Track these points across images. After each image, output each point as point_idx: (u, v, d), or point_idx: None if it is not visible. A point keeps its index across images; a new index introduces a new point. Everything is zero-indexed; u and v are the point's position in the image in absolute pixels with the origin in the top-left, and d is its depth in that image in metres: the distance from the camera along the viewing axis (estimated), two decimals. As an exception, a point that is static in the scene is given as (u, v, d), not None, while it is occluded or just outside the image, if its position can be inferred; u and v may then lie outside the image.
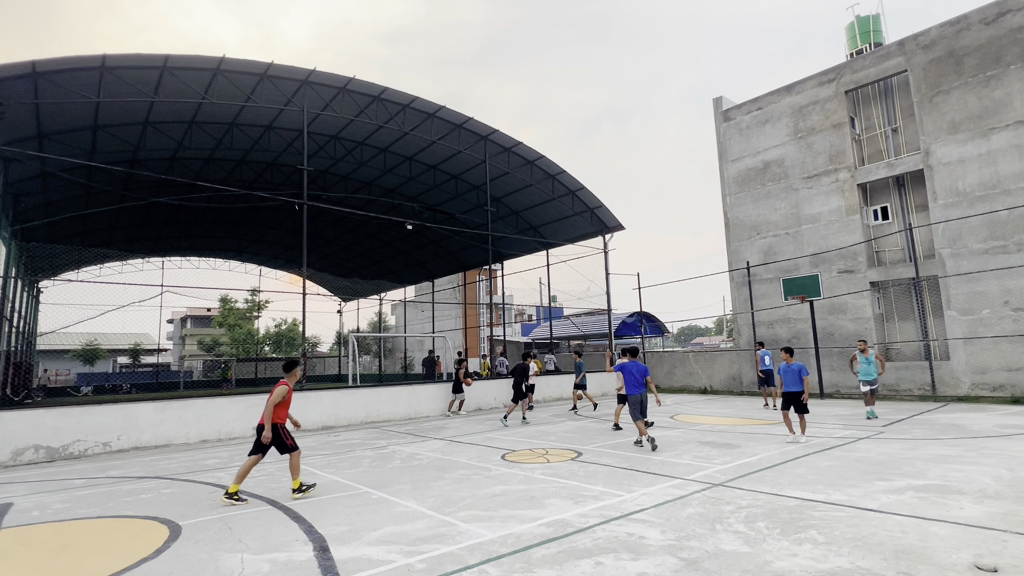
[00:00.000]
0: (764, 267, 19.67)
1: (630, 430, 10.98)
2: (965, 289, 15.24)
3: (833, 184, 18.11)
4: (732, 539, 4.49)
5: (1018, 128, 14.61)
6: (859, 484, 6.10)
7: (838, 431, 10.01)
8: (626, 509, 5.46)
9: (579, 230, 23.01)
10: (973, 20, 15.55)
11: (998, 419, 10.85)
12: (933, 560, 3.91)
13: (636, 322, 26.80)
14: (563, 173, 20.63)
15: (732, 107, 21.23)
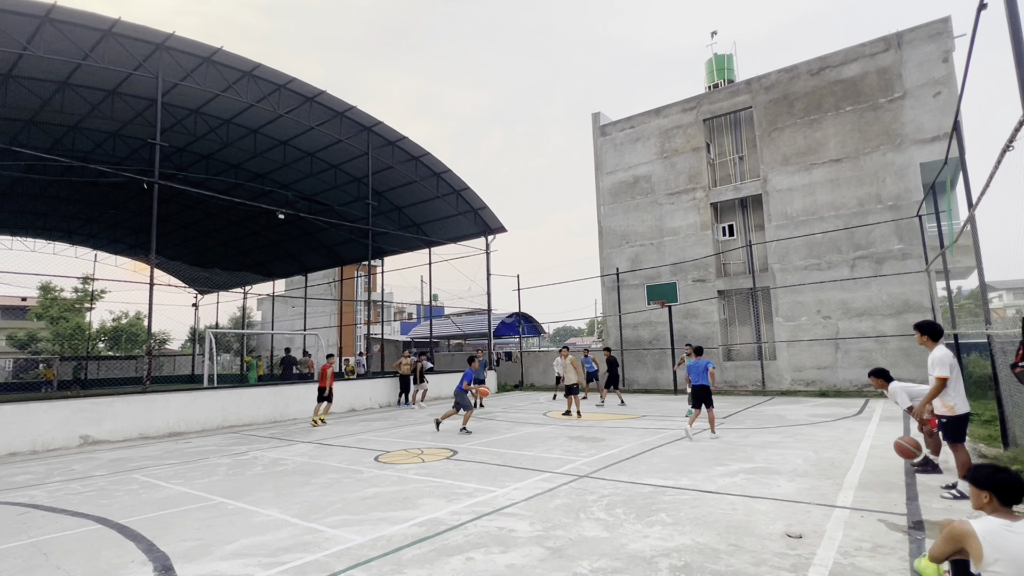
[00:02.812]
0: (632, 274, 21.30)
1: (483, 428, 11.26)
2: (789, 299, 17.82)
3: (691, 201, 20.17)
4: (594, 526, 4.82)
5: (831, 165, 17.41)
6: (702, 469, 6.86)
7: (687, 424, 11.15)
8: (498, 504, 5.60)
9: (462, 230, 23.13)
10: (802, 70, 18.24)
11: (809, 409, 12.83)
12: (755, 532, 4.53)
13: (515, 322, 27.59)
14: (448, 172, 20.60)
15: (609, 123, 22.72)
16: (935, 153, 15.38)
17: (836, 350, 16.91)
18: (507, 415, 13.55)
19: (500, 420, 12.64)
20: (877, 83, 16.82)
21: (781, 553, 4.07)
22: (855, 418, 11.13)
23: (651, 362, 20.58)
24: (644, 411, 13.64)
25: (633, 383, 20.74)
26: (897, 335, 15.79)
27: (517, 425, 11.66)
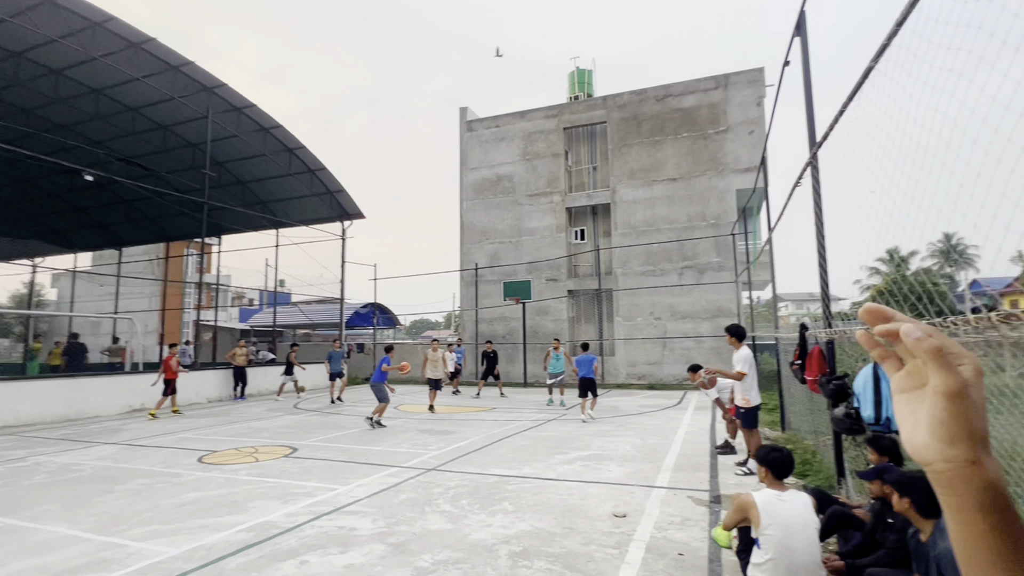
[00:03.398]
0: (490, 270, 21.79)
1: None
2: (628, 301, 19.64)
3: (548, 204, 21.21)
4: (438, 519, 4.82)
5: (669, 183, 19.53)
6: (544, 458, 7.26)
7: (534, 415, 11.72)
8: (340, 502, 5.35)
9: (316, 212, 21.67)
10: (650, 95, 20.18)
11: (640, 401, 14.27)
12: (587, 514, 4.90)
13: (369, 313, 26.63)
14: (303, 149, 19.15)
15: (475, 119, 22.94)
16: (748, 182, 18.04)
17: (664, 348, 19.04)
18: (357, 409, 13.04)
19: (348, 415, 12.11)
20: (708, 116, 19.24)
21: (608, 532, 4.46)
22: (675, 408, 12.63)
23: (504, 356, 21.25)
24: (495, 404, 14.04)
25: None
26: (711, 336, 18.25)
27: (365, 419, 11.26)
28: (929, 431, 0.46)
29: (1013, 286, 20.92)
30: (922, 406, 0.47)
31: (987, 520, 0.44)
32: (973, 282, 40.68)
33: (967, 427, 0.45)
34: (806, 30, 5.39)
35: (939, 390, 0.46)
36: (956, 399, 0.45)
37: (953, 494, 0.46)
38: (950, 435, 0.45)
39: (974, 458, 0.45)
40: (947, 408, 0.45)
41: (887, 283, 35.01)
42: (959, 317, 2.43)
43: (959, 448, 0.45)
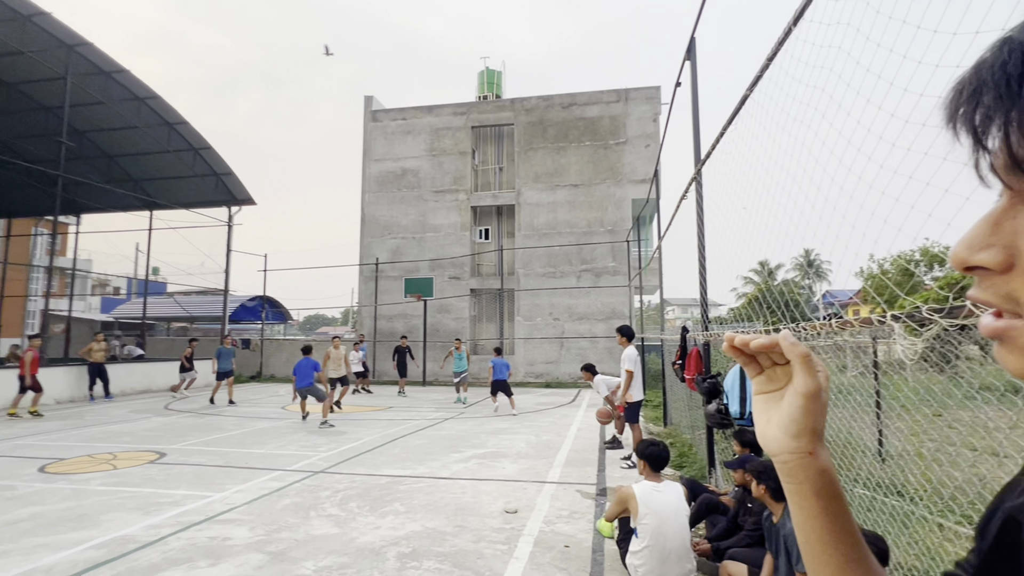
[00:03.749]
0: (391, 265, 21.24)
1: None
2: (529, 301, 20.09)
3: (454, 202, 21.11)
4: (324, 523, 4.60)
5: (571, 189, 20.25)
6: (439, 457, 7.20)
7: (432, 413, 11.61)
8: (213, 511, 4.92)
9: (199, 196, 19.82)
10: (556, 102, 20.79)
11: (537, 398, 14.65)
12: (479, 511, 4.93)
13: (257, 306, 24.84)
14: (185, 124, 17.42)
15: (381, 110, 22.26)
16: (643, 192, 19.19)
17: (561, 347, 19.71)
18: (238, 410, 12.11)
19: (229, 415, 11.21)
20: (609, 127, 20.21)
21: (498, 528, 4.52)
22: (569, 405, 13.12)
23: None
24: (392, 403, 13.72)
25: (384, 374, 20.71)
26: (605, 336, 19.19)
27: (249, 420, 10.50)
28: (780, 427, 0.53)
29: (854, 298, 24.22)
30: (776, 406, 0.54)
31: (820, 503, 0.51)
32: (825, 293, 46.49)
33: (812, 424, 0.52)
34: (695, 56, 5.83)
35: (800, 390, 0.52)
36: (812, 399, 0.51)
37: (794, 481, 0.52)
38: (797, 430, 0.52)
39: (812, 449, 0.52)
40: (803, 407, 0.51)
41: (758, 291, 38.96)
42: (810, 323, 2.75)
43: (802, 441, 0.51)
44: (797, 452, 0.52)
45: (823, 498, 0.51)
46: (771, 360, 0.55)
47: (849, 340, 8.34)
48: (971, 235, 0.35)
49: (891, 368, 6.33)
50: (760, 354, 0.55)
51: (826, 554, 0.51)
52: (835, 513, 0.51)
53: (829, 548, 0.51)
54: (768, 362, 0.55)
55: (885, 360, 6.24)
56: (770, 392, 0.55)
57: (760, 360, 0.55)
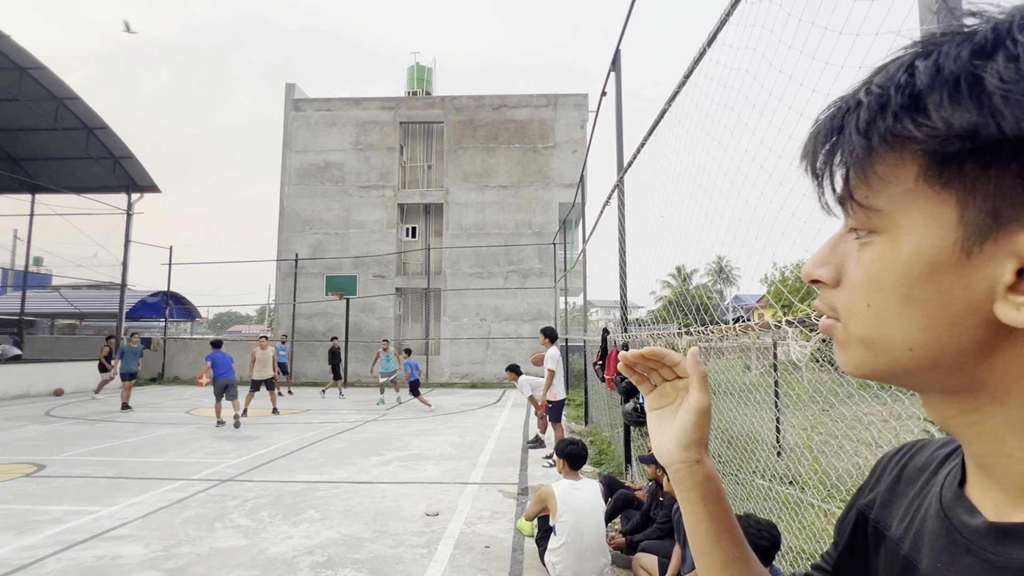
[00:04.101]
0: (312, 261, 20.37)
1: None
2: (456, 301, 19.98)
3: (380, 198, 20.59)
4: (231, 535, 4.33)
5: (500, 190, 20.37)
6: (359, 461, 6.99)
7: (352, 415, 11.24)
8: (101, 527, 4.49)
9: (94, 180, 18.01)
10: (486, 103, 20.83)
11: (462, 399, 14.59)
12: (400, 515, 4.84)
13: (160, 302, 22.95)
14: (77, 100, 15.76)
15: (303, 99, 21.30)
16: (569, 196, 19.65)
17: (487, 348, 19.76)
18: (135, 415, 11.13)
19: (124, 421, 10.28)
20: (539, 131, 20.53)
21: (419, 532, 4.45)
22: (494, 405, 13.18)
23: (323, 355, 20.02)
24: (310, 405, 13.15)
25: (302, 375, 19.82)
26: (531, 337, 19.45)
27: (147, 426, 9.67)
28: (672, 439, 0.58)
29: (759, 303, 26.22)
30: (670, 420, 0.59)
31: (707, 507, 0.56)
32: (735, 297, 49.74)
33: (700, 436, 0.57)
34: (620, 67, 6.06)
35: (695, 406, 0.57)
36: (704, 414, 0.57)
37: (684, 488, 0.58)
38: (688, 442, 0.57)
39: (699, 458, 0.57)
40: (695, 421, 0.56)
41: (675, 295, 41.13)
42: (717, 327, 2.94)
43: (690, 451, 0.57)
44: (687, 462, 0.57)
45: (709, 502, 0.56)
46: (662, 377, 0.60)
47: (755, 342, 8.98)
48: (817, 254, 0.41)
49: (788, 368, 6.89)
50: (653, 372, 0.60)
51: (713, 553, 0.56)
52: (719, 516, 0.56)
53: (714, 548, 0.56)
54: (659, 379, 0.60)
55: (783, 360, 6.79)
56: (662, 408, 0.60)
57: (652, 378, 0.60)
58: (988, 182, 0.31)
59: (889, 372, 0.37)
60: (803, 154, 0.39)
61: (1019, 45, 0.30)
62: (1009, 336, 0.32)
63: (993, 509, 0.36)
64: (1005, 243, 0.31)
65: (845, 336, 0.39)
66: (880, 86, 0.34)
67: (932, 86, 0.31)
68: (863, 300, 0.37)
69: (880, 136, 0.33)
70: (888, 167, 0.34)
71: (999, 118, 0.29)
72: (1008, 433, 0.34)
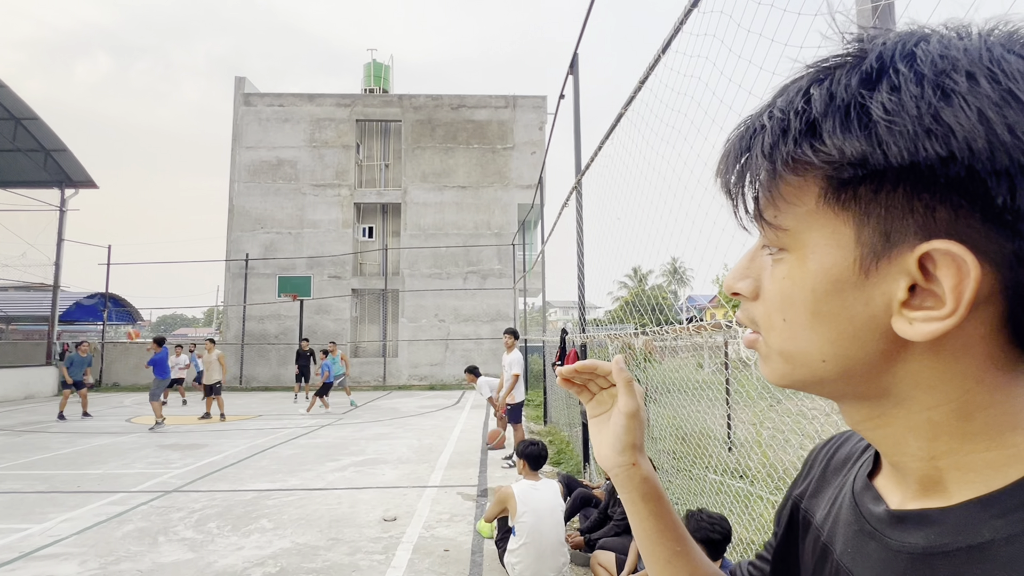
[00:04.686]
0: (264, 262, 19.70)
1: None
2: (414, 302, 19.74)
3: (336, 197, 20.12)
4: (175, 549, 4.13)
5: (459, 191, 20.26)
6: (313, 467, 6.80)
7: (306, 420, 10.93)
8: (32, 546, 4.20)
9: (23, 174, 16.85)
10: (445, 102, 20.69)
11: (420, 401, 14.42)
12: (356, 522, 4.73)
13: (98, 304, 21.67)
14: (3, 88, 14.73)
15: (255, 93, 20.59)
16: (528, 198, 19.75)
17: (446, 349, 19.61)
18: (70, 424, 10.47)
19: (57, 431, 9.66)
20: (498, 132, 20.54)
21: (376, 538, 4.37)
22: (453, 407, 13.09)
23: (275, 358, 19.42)
24: (261, 410, 12.71)
25: (253, 380, 19.14)
26: (490, 338, 19.44)
27: (84, 436, 9.12)
28: (608, 444, 0.60)
29: (711, 302, 27.11)
30: (605, 427, 0.61)
31: (647, 506, 0.59)
32: (689, 297, 51.22)
33: (632, 439, 0.59)
34: (578, 71, 6.13)
35: (623, 410, 0.59)
36: (633, 417, 0.59)
37: (624, 490, 0.60)
38: (622, 446, 0.59)
39: (635, 461, 0.59)
40: (625, 425, 0.59)
41: (632, 295, 42.02)
42: (671, 327, 3.01)
43: (625, 455, 0.59)
44: (623, 465, 0.59)
45: (649, 501, 0.59)
46: (598, 386, 0.63)
47: (708, 341, 9.26)
48: (736, 267, 0.42)
49: (738, 366, 7.13)
50: (590, 382, 0.63)
51: (656, 548, 0.59)
52: (659, 514, 0.59)
53: (657, 544, 0.58)
54: (597, 388, 0.63)
55: (734, 359, 7.03)
56: (600, 415, 0.62)
57: (591, 387, 0.63)
58: (879, 205, 0.32)
59: (806, 382, 0.39)
60: (717, 172, 0.40)
61: (900, 75, 0.31)
62: (908, 346, 0.34)
63: (897, 499, 0.39)
64: (898, 262, 0.32)
65: (767, 349, 0.40)
66: (782, 111, 0.35)
67: (826, 113, 0.33)
68: (779, 315, 0.38)
69: (783, 160, 0.35)
70: (792, 188, 0.35)
71: (884, 147, 0.31)
72: (909, 435, 0.36)
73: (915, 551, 0.35)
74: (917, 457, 0.36)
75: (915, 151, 0.30)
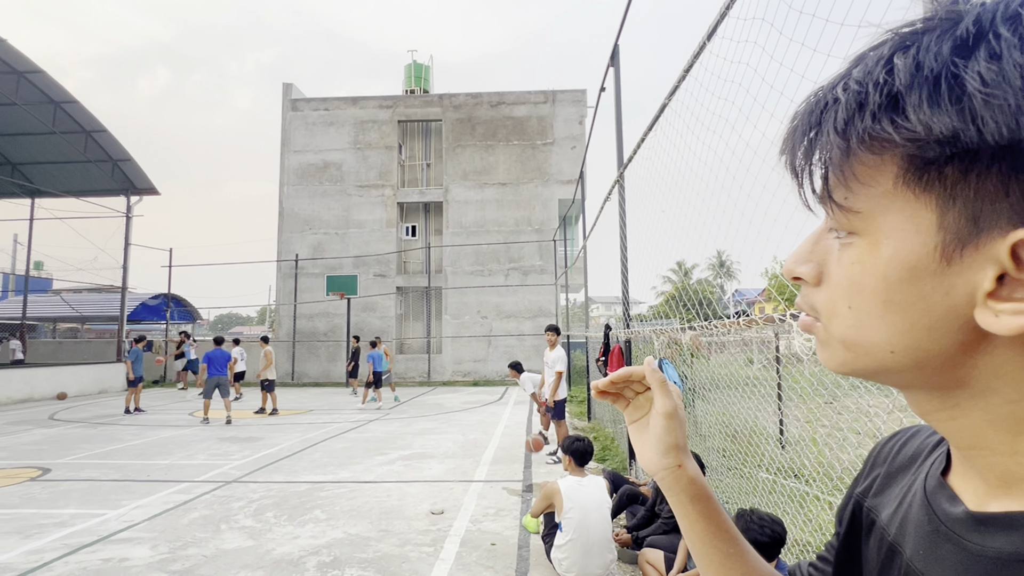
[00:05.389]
0: (312, 262, 20.37)
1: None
2: (457, 299, 19.98)
3: (379, 197, 20.57)
4: (236, 536, 4.34)
5: (499, 188, 20.34)
6: (363, 461, 7.00)
7: (355, 416, 11.25)
8: (108, 530, 4.50)
9: (93, 183, 18.01)
10: (484, 100, 20.79)
11: (464, 397, 14.60)
12: (405, 514, 4.85)
13: (161, 305, 22.96)
14: (75, 103, 15.75)
15: (302, 99, 21.26)
16: (569, 193, 19.62)
17: (489, 345, 19.77)
18: (138, 418, 11.15)
19: (128, 424, 10.29)
20: (537, 127, 20.49)
21: (424, 530, 4.46)
22: (496, 403, 13.19)
23: (325, 354, 20.07)
24: (312, 405, 13.17)
25: (304, 376, 19.85)
26: (532, 334, 19.46)
27: (151, 429, 9.69)
28: (651, 448, 0.59)
29: (760, 296, 26.19)
30: (645, 430, 0.61)
31: (696, 507, 0.58)
32: (735, 291, 49.72)
33: (674, 440, 0.58)
34: (619, 62, 6.04)
35: (659, 411, 0.59)
36: (670, 417, 0.58)
37: (672, 492, 0.59)
38: (664, 448, 0.58)
39: (680, 463, 0.58)
40: (664, 425, 0.58)
41: (676, 290, 41.15)
42: (720, 321, 2.93)
43: (669, 457, 0.58)
44: (669, 468, 0.58)
45: (698, 503, 0.58)
46: (634, 392, 0.62)
47: (755, 336, 8.97)
48: (798, 250, 0.40)
49: (790, 361, 6.88)
50: (625, 389, 0.62)
51: (708, 551, 0.57)
52: (709, 515, 0.58)
53: (709, 547, 0.57)
54: (632, 394, 0.62)
55: (786, 353, 6.78)
56: (638, 420, 0.62)
57: (625, 394, 0.62)
58: (968, 187, 0.30)
59: (869, 372, 0.37)
60: (782, 149, 0.38)
61: (1002, 41, 0.28)
62: (990, 338, 0.31)
63: (974, 499, 0.36)
64: (985, 249, 0.30)
65: (826, 335, 0.38)
66: (859, 82, 0.32)
67: (911, 85, 0.30)
68: (844, 302, 0.36)
69: (858, 137, 0.32)
70: (867, 168, 0.33)
71: (980, 123, 0.28)
72: (988, 427, 0.34)
73: (999, 556, 0.32)
74: (999, 452, 0.34)
75: (1017, 128, 0.27)
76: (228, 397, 10.20)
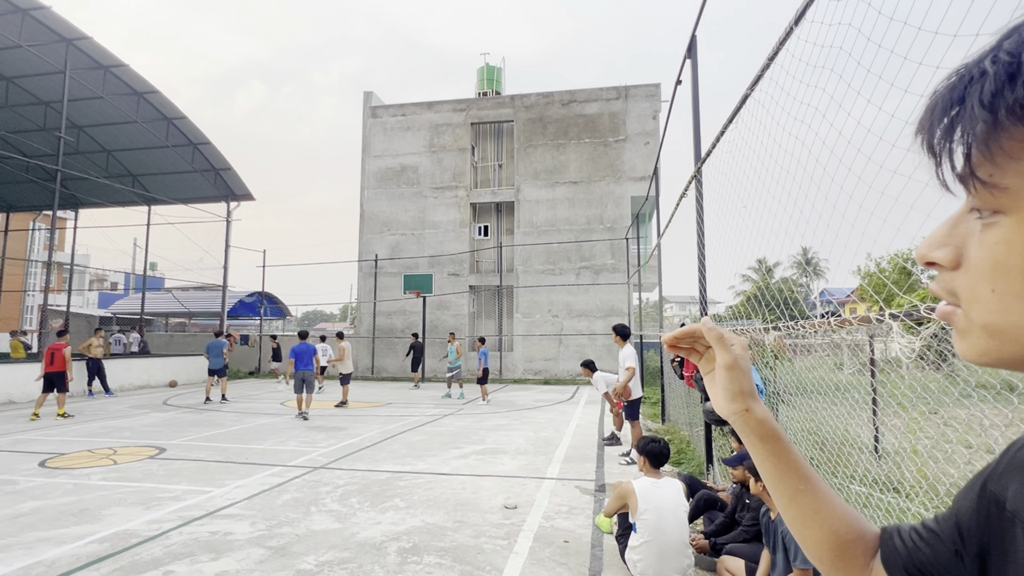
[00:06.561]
0: (390, 261, 21.24)
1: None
2: (528, 298, 20.10)
3: (453, 199, 21.10)
4: (325, 519, 4.63)
5: (570, 186, 20.24)
6: (439, 453, 7.23)
7: (430, 410, 11.63)
8: (214, 506, 4.95)
9: (198, 191, 19.82)
10: (556, 99, 20.76)
11: (535, 395, 14.68)
12: (479, 507, 4.96)
13: (256, 302, 24.83)
14: (184, 119, 17.39)
15: (380, 106, 22.21)
16: (642, 190, 19.19)
17: (559, 344, 19.74)
18: (237, 405, 12.13)
19: (228, 411, 11.23)
20: (609, 124, 20.19)
21: (498, 524, 4.55)
22: (567, 402, 13.15)
23: (402, 350, 20.85)
24: (390, 399, 13.75)
25: (383, 371, 20.74)
26: (604, 334, 19.21)
27: (248, 416, 10.52)
28: (720, 396, 0.65)
29: (851, 296, 24.31)
30: (714, 381, 0.66)
31: (766, 447, 0.63)
32: (822, 291, 46.42)
33: (739, 387, 0.63)
34: (696, 54, 5.84)
35: (720, 364, 0.64)
36: (731, 369, 0.63)
37: (743, 433, 0.64)
38: (730, 395, 0.64)
39: (747, 407, 0.63)
40: (728, 375, 0.64)
41: (756, 289, 39.07)
42: (808, 321, 2.78)
43: (737, 403, 0.63)
44: (738, 412, 0.63)
45: (767, 442, 0.62)
46: (704, 346, 0.68)
47: (845, 338, 8.36)
48: (933, 234, 0.39)
49: (887, 366, 6.36)
50: (696, 343, 0.68)
51: (779, 487, 0.62)
52: (779, 453, 0.62)
53: (779, 483, 0.62)
54: (703, 348, 0.68)
55: (881, 358, 6.28)
56: (710, 372, 0.68)
57: (697, 348, 0.68)
58: None
59: (1017, 360, 0.35)
60: (919, 128, 0.37)
61: None
62: None
63: None
64: None
65: (966, 323, 0.37)
66: (1010, 53, 0.31)
67: None
68: (987, 285, 0.35)
69: (1008, 109, 0.31)
70: (1016, 143, 0.32)
71: None
72: None
73: None
74: None
75: None
76: (312, 392, 10.49)
